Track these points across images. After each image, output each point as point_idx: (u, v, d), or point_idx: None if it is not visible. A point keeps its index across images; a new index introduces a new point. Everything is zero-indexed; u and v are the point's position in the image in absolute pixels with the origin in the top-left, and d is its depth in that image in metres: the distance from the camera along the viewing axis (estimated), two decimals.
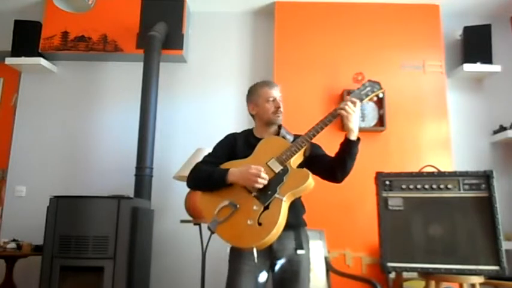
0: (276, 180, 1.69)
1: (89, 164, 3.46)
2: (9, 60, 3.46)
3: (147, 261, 3.09)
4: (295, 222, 1.80)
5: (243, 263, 1.74)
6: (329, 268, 2.75)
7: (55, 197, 2.67)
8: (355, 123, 1.71)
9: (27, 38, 3.52)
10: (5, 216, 3.39)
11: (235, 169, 1.73)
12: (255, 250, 1.64)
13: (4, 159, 3.52)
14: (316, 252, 2.77)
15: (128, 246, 2.61)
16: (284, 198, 1.65)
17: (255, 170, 1.67)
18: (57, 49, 3.52)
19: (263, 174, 1.66)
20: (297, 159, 1.76)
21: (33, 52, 3.49)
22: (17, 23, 3.54)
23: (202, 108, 3.57)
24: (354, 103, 1.71)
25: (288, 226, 1.69)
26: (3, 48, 3.56)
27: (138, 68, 3.36)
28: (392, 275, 2.74)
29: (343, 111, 1.70)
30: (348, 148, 1.74)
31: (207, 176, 1.79)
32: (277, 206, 1.64)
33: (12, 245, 2.91)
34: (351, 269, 3.05)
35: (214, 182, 1.76)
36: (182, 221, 2.84)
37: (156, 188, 3.24)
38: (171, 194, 3.29)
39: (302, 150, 1.76)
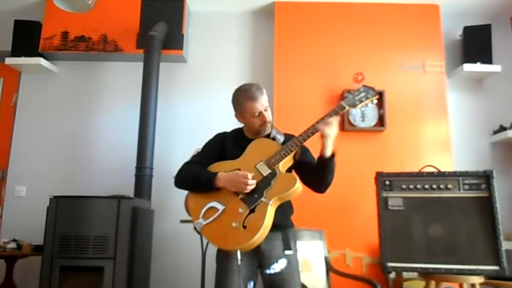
0: (264, 183, 1.69)
1: (89, 164, 3.46)
2: (9, 60, 3.46)
3: (147, 261, 3.09)
4: (283, 223, 1.80)
5: (230, 263, 1.72)
6: (329, 268, 2.75)
7: (55, 197, 2.67)
8: (331, 141, 1.68)
9: (27, 38, 3.51)
10: (5, 216, 3.39)
11: (223, 174, 1.72)
12: (238, 253, 1.64)
13: (4, 159, 3.52)
14: (316, 252, 2.77)
15: (128, 246, 2.61)
16: (270, 202, 1.65)
17: (243, 176, 1.66)
18: (57, 49, 3.51)
19: (251, 181, 1.66)
20: (287, 162, 1.74)
21: (33, 52, 3.48)
22: (17, 23, 3.54)
23: (203, 108, 3.57)
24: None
25: (276, 227, 1.69)
26: (3, 48, 3.56)
27: (138, 68, 3.36)
28: (393, 275, 2.74)
29: (326, 130, 1.65)
30: (326, 164, 1.71)
31: (194, 178, 1.79)
32: (262, 210, 1.64)
33: (12, 245, 2.91)
34: (351, 269, 3.05)
35: (202, 185, 1.76)
36: (182, 221, 2.83)
37: (156, 188, 3.24)
38: (171, 194, 3.27)
39: (292, 154, 1.73)
